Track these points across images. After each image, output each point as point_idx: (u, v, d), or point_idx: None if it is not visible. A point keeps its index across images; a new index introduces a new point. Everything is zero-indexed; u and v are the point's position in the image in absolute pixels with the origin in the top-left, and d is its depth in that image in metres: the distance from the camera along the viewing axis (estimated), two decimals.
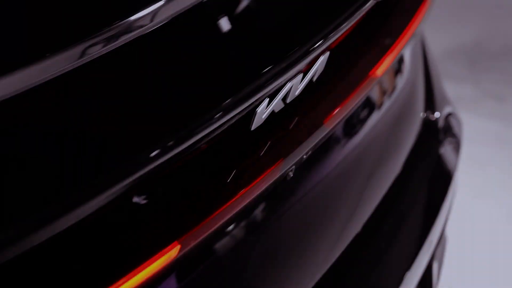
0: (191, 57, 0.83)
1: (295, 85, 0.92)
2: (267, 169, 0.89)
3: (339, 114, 1.00)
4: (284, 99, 0.91)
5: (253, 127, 0.88)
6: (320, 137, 0.98)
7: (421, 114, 1.38)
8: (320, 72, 0.97)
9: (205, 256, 0.88)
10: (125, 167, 0.73)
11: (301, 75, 0.92)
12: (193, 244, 0.81)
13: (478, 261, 2.28)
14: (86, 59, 0.73)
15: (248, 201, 0.88)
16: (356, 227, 1.22)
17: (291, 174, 0.97)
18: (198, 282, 0.87)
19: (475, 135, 2.70)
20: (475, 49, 3.35)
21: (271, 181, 0.91)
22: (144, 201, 0.79)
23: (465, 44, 3.38)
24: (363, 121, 1.19)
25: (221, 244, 0.91)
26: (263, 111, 0.88)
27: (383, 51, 1.11)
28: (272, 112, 0.90)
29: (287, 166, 0.93)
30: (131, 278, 0.76)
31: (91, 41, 0.72)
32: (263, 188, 0.90)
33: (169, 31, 0.80)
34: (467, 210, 2.40)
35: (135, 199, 0.78)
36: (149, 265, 0.77)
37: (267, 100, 0.88)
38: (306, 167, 1.05)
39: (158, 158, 0.75)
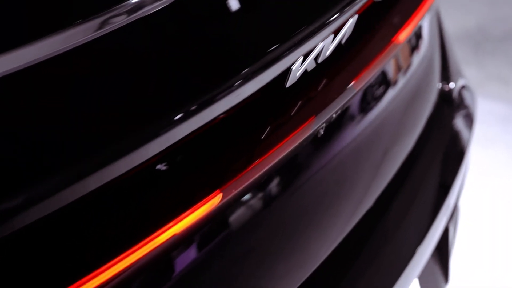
0: (234, 17, 0.87)
1: (326, 46, 0.96)
2: (301, 125, 0.94)
3: (366, 76, 1.04)
4: (316, 59, 0.95)
5: (287, 85, 0.92)
6: (348, 97, 1.02)
7: (438, 85, 1.43)
8: (348, 35, 1.01)
9: (243, 205, 0.93)
10: (175, 119, 0.78)
11: (331, 37, 0.96)
12: (233, 193, 0.86)
13: (481, 238, 2.33)
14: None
15: (282, 155, 0.92)
16: (375, 193, 1.26)
17: (321, 131, 1.01)
18: (236, 230, 0.91)
19: (480, 116, 2.73)
20: (479, 33, 3.40)
21: (304, 137, 0.95)
22: (192, 153, 0.83)
23: (469, 29, 3.42)
24: (386, 89, 1.23)
25: (256, 196, 0.95)
26: (297, 69, 0.92)
27: (405, 18, 1.15)
28: (305, 72, 0.94)
29: (318, 123, 0.97)
30: (178, 222, 0.80)
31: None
32: (297, 143, 0.94)
33: None
34: (472, 188, 2.45)
35: (185, 151, 0.82)
36: (195, 210, 0.81)
37: (301, 58, 0.92)
38: (328, 136, 1.09)
39: (203, 110, 0.80)
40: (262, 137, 0.91)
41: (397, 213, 1.30)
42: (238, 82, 0.83)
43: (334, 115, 1.02)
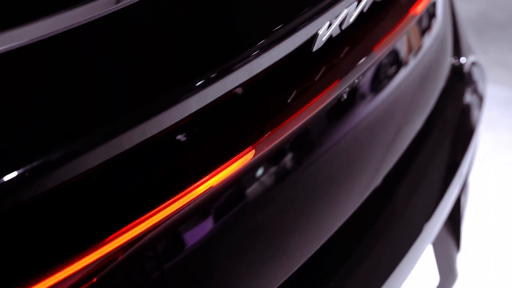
0: None
1: (350, 13, 1.00)
2: (326, 88, 0.98)
3: (386, 44, 1.08)
4: (340, 25, 0.99)
5: (314, 49, 0.96)
6: (369, 63, 1.06)
7: (450, 59, 1.47)
8: (370, 5, 1.05)
9: (272, 162, 0.97)
10: (213, 77, 0.82)
11: (355, 4, 1.00)
12: (264, 150, 0.90)
13: (485, 221, 2.37)
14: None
15: (309, 117, 0.96)
16: (389, 163, 1.30)
17: (345, 96, 1.05)
18: (267, 184, 0.96)
19: None
20: (482, 20, 3.44)
21: (329, 100, 0.99)
22: (228, 112, 0.88)
23: (471, 16, 3.46)
24: (403, 63, 1.26)
25: (282, 157, 0.99)
26: (323, 34, 0.96)
27: None
28: (330, 37, 0.98)
29: (342, 87, 1.01)
30: (214, 176, 0.84)
31: None
32: (323, 105, 0.98)
33: None
34: (475, 170, 2.50)
35: (222, 110, 0.87)
36: (230, 165, 0.85)
37: (327, 24, 0.96)
38: (348, 105, 1.13)
39: (238, 70, 0.84)
40: (292, 99, 0.95)
41: (412, 183, 1.34)
42: (271, 44, 0.88)
43: (356, 81, 1.06)
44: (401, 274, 1.23)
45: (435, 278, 1.36)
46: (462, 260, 1.54)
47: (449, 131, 1.46)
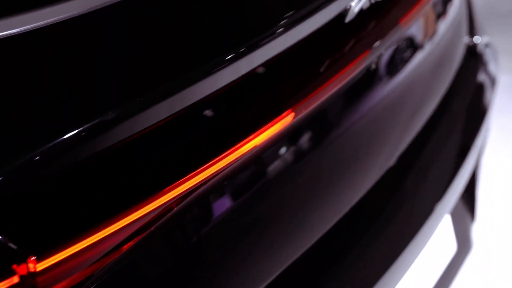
0: None
1: None
2: (358, 57, 1.04)
3: (412, 18, 1.14)
4: None
5: (347, 20, 1.02)
6: (396, 35, 1.12)
7: (465, 38, 1.53)
8: None
9: (308, 127, 1.03)
10: (258, 43, 0.89)
11: None
12: (302, 113, 0.96)
13: (487, 206, 2.43)
14: None
15: (342, 83, 1.03)
16: (405, 141, 1.36)
17: (373, 66, 1.11)
18: (302, 148, 1.02)
19: None
20: (486, 10, 3.50)
21: (360, 69, 1.05)
22: (271, 78, 0.94)
23: (476, 5, 3.51)
24: (425, 41, 1.32)
25: (317, 120, 1.05)
26: (356, 5, 1.02)
27: None
28: (361, 11, 1.04)
29: (371, 57, 1.07)
30: (256, 136, 0.90)
31: None
32: (354, 73, 1.04)
33: None
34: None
35: (265, 76, 0.93)
36: (273, 125, 0.92)
37: None
38: (373, 80, 1.19)
39: (281, 36, 0.91)
40: (326, 67, 1.01)
41: (431, 156, 1.40)
42: (309, 14, 0.94)
43: (383, 52, 1.12)
44: (419, 243, 1.29)
45: (453, 247, 1.42)
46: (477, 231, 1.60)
47: (464, 108, 1.52)
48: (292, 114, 0.94)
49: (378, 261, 1.20)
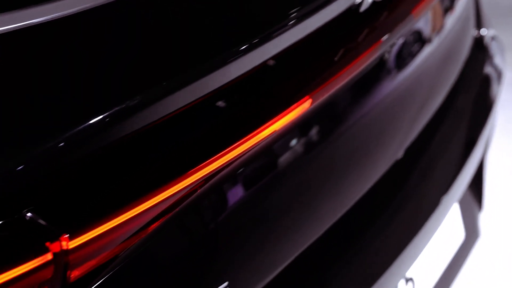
0: None
1: None
2: (372, 46, 1.07)
3: (423, 8, 1.17)
4: None
5: (361, 9, 1.05)
6: (408, 26, 1.15)
7: (473, 31, 1.56)
8: None
9: (324, 113, 1.06)
10: (279, 29, 0.92)
11: None
12: (319, 99, 0.99)
13: (494, 199, 2.46)
14: None
15: (357, 72, 1.05)
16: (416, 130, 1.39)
17: (386, 56, 1.14)
18: (318, 136, 1.05)
19: None
20: (490, 6, 3.53)
21: (373, 57, 1.08)
22: (287, 66, 0.97)
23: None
24: (435, 32, 1.35)
25: (333, 107, 1.08)
26: None
27: None
28: (374, 1, 1.07)
29: (385, 46, 1.10)
30: (276, 121, 0.93)
31: None
32: (369, 61, 1.07)
33: None
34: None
35: (283, 64, 0.96)
36: (290, 111, 0.94)
37: None
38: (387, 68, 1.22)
39: (300, 24, 0.93)
40: (342, 55, 1.04)
41: (440, 146, 1.42)
42: (326, 4, 0.97)
43: (395, 42, 1.15)
44: (429, 230, 1.32)
45: (461, 235, 1.45)
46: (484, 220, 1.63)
47: (471, 100, 1.55)
48: (310, 101, 0.97)
49: (389, 248, 1.23)
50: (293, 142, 1.02)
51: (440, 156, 1.41)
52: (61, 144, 0.76)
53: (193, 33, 0.88)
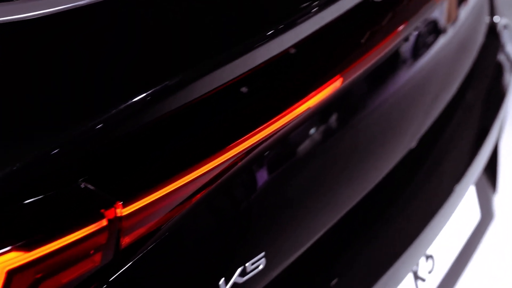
0: None
1: None
2: (396, 28, 1.11)
3: None
4: None
5: None
6: (431, 11, 1.19)
7: (487, 18, 1.60)
8: None
9: (352, 92, 1.10)
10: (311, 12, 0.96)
11: None
12: (349, 78, 1.03)
13: (508, 182, 2.51)
14: None
15: (383, 53, 1.10)
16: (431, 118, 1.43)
17: (411, 38, 1.18)
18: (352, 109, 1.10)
19: None
20: None
21: (398, 40, 1.13)
22: (321, 46, 1.02)
23: None
24: (453, 18, 1.39)
25: (362, 85, 1.13)
26: None
27: None
28: None
29: (410, 28, 1.15)
30: (311, 98, 0.98)
31: None
32: (395, 42, 1.12)
33: None
34: None
35: (315, 44, 1.01)
36: (323, 89, 0.99)
37: None
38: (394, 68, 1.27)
39: (328, 8, 0.98)
40: (369, 37, 1.08)
41: (457, 133, 1.47)
42: None
43: (419, 25, 1.20)
44: (448, 211, 1.36)
45: (477, 216, 1.50)
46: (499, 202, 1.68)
47: (485, 87, 1.59)
48: (341, 80, 1.01)
49: (412, 227, 1.27)
50: (327, 116, 1.07)
51: (458, 142, 1.45)
52: (113, 117, 0.80)
53: (235, 13, 0.93)
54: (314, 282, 1.09)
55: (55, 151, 0.77)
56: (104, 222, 0.79)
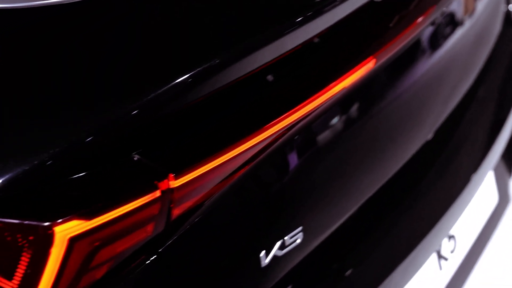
0: None
1: None
2: (426, 12, 1.15)
3: None
4: None
5: None
6: (447, 3, 1.23)
7: (503, 6, 1.63)
8: None
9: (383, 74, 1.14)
10: None
11: None
12: (382, 59, 1.07)
13: None
14: None
15: (414, 35, 1.14)
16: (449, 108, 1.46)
17: (437, 22, 1.22)
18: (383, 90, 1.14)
19: None
20: None
21: (426, 23, 1.17)
22: (357, 30, 1.07)
23: None
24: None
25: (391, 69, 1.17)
26: None
27: None
28: None
29: (438, 11, 1.19)
30: (345, 79, 1.01)
31: None
32: (423, 26, 1.16)
33: None
34: None
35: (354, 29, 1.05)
36: (357, 70, 1.02)
37: None
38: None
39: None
40: (398, 21, 1.12)
41: (475, 121, 1.50)
42: None
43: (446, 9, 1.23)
44: (468, 194, 1.40)
45: (495, 199, 1.54)
46: None
47: (502, 77, 1.63)
48: (374, 61, 1.05)
49: (436, 209, 1.31)
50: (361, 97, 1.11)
51: (477, 130, 1.49)
52: (165, 93, 0.84)
53: None
54: (345, 259, 1.13)
55: (112, 125, 0.81)
56: (157, 193, 0.82)
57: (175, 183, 0.84)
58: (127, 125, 0.82)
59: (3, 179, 0.75)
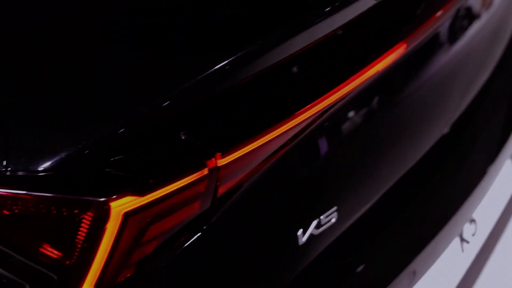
0: None
1: None
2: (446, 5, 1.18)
3: None
4: None
5: None
6: None
7: None
8: None
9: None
10: None
11: None
12: (413, 44, 1.10)
13: None
14: None
15: (442, 22, 1.17)
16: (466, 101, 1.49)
17: (462, 11, 1.25)
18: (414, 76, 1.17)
19: None
20: None
21: (449, 14, 1.20)
22: (389, 17, 1.10)
23: None
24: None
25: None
26: None
27: None
28: None
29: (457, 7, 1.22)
30: (378, 63, 1.04)
31: None
32: (446, 16, 1.19)
33: None
34: None
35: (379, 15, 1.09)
36: (390, 54, 1.05)
37: None
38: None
39: None
40: (424, 9, 1.15)
41: (492, 113, 1.53)
42: None
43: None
44: (488, 181, 1.43)
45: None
46: None
47: None
48: (405, 46, 1.08)
49: (459, 194, 1.34)
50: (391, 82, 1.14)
51: (494, 122, 1.52)
52: (212, 75, 0.87)
53: None
54: (374, 241, 1.16)
55: (163, 107, 0.84)
56: (205, 171, 0.85)
57: (221, 162, 0.86)
58: (176, 106, 0.85)
59: (61, 157, 0.78)
